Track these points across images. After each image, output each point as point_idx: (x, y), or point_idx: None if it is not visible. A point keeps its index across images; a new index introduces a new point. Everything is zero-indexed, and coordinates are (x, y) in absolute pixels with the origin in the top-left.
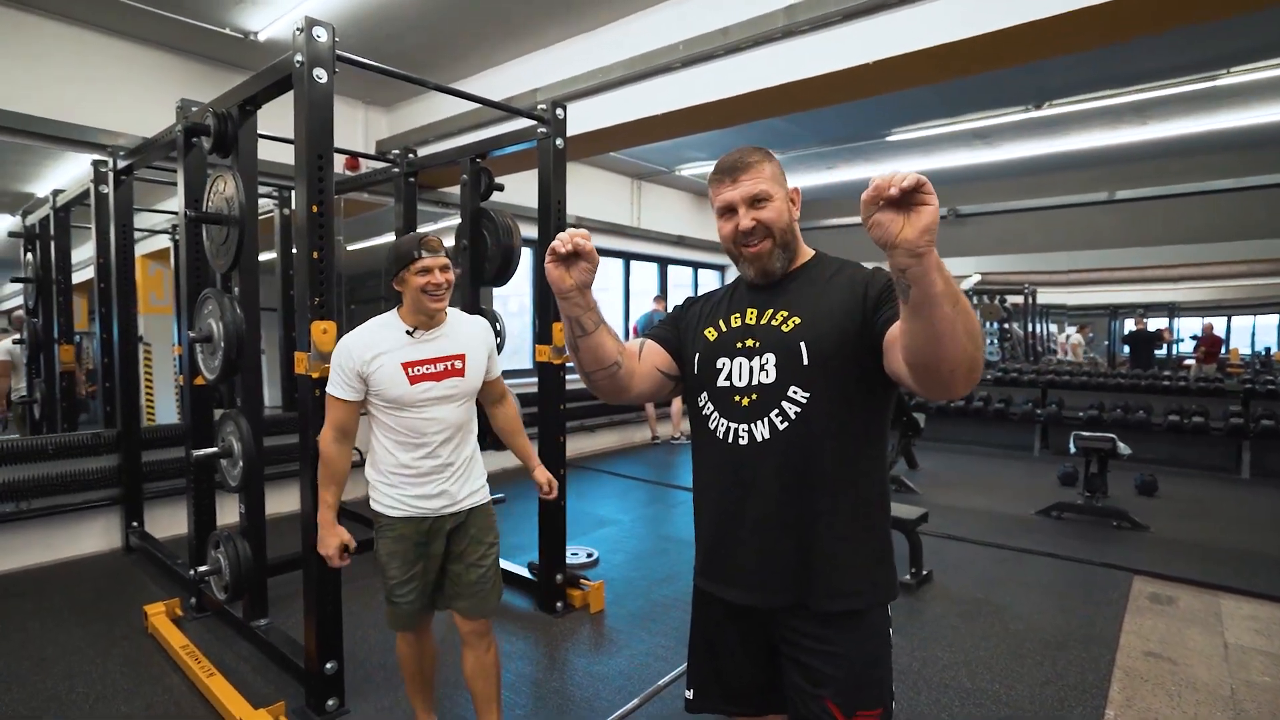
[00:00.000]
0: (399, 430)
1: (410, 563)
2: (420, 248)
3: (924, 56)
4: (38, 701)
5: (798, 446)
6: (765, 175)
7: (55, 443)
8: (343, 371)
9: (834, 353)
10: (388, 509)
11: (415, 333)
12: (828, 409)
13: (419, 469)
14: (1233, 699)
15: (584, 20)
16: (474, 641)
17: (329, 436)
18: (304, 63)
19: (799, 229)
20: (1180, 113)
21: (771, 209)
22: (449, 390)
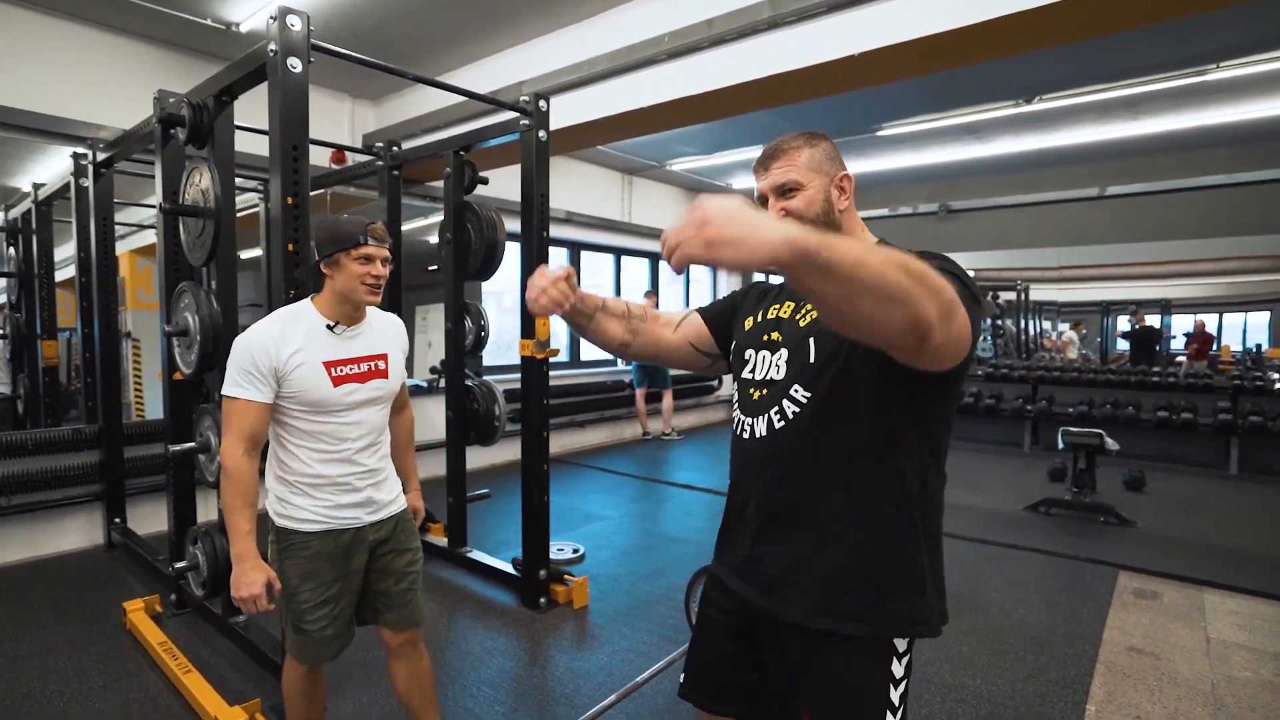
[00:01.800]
0: (316, 436)
1: (326, 584)
2: (366, 233)
3: (909, 48)
4: (12, 699)
5: (790, 448)
6: (798, 162)
7: (36, 438)
8: (254, 369)
9: (842, 353)
10: (301, 524)
11: (337, 328)
12: (828, 412)
13: (338, 478)
14: (1213, 693)
15: (569, 12)
16: (406, 653)
17: (237, 449)
18: (278, 52)
19: (853, 217)
20: (1170, 108)
21: (801, 198)
22: (373, 393)
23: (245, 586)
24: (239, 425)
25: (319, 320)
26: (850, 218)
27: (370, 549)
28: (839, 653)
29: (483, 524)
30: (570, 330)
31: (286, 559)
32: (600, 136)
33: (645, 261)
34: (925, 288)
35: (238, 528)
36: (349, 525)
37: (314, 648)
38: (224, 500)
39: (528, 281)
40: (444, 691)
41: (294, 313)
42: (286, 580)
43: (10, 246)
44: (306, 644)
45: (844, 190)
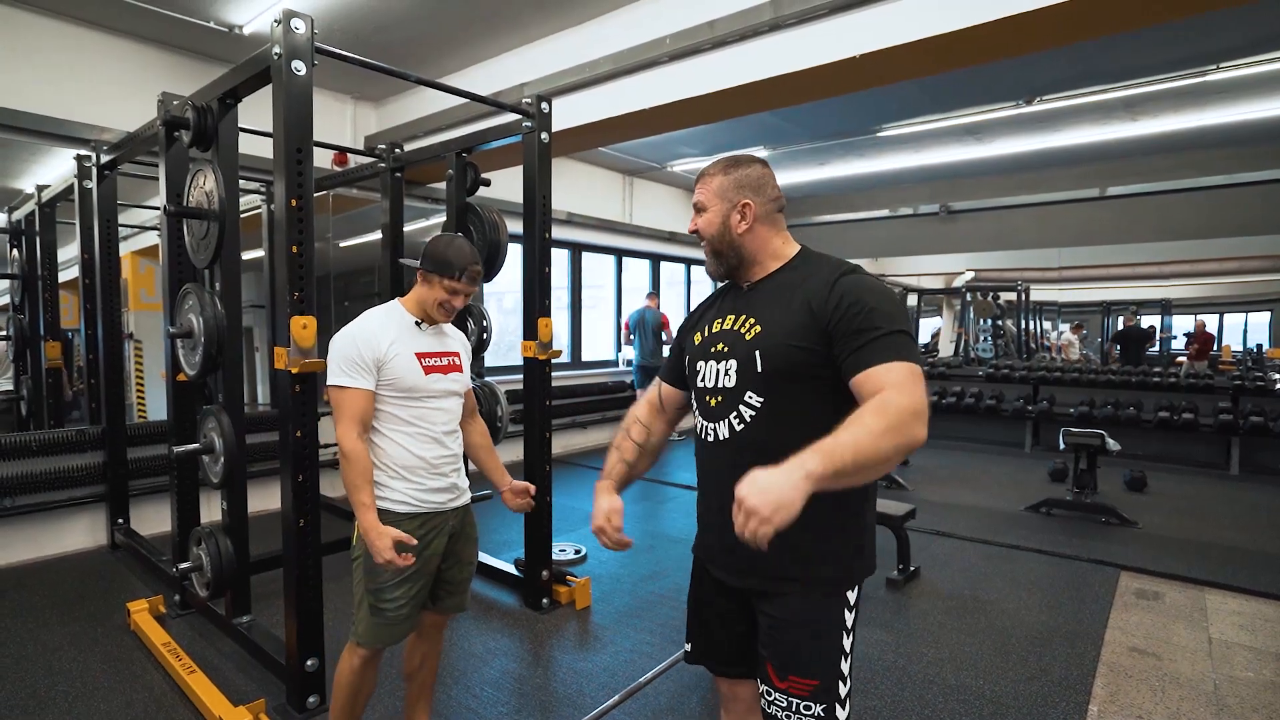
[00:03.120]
0: (410, 422)
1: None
2: (466, 272)
3: (910, 50)
4: (17, 699)
5: (751, 446)
6: (710, 188)
7: (40, 439)
8: (358, 359)
9: (785, 366)
10: (394, 504)
11: (423, 325)
12: (779, 414)
13: (432, 461)
14: (1216, 694)
15: (572, 14)
16: (433, 634)
17: (352, 434)
18: (282, 55)
19: (750, 240)
20: (1170, 108)
21: (704, 219)
22: (453, 384)
23: (380, 552)
24: (351, 411)
25: (408, 318)
26: (754, 238)
27: (450, 534)
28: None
29: (485, 524)
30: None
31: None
32: (603, 138)
33: (646, 262)
34: (906, 424)
35: (362, 503)
36: (435, 509)
37: (386, 629)
38: (346, 481)
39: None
40: (447, 692)
41: (387, 311)
42: (372, 561)
43: (13, 248)
44: (379, 625)
45: (743, 216)
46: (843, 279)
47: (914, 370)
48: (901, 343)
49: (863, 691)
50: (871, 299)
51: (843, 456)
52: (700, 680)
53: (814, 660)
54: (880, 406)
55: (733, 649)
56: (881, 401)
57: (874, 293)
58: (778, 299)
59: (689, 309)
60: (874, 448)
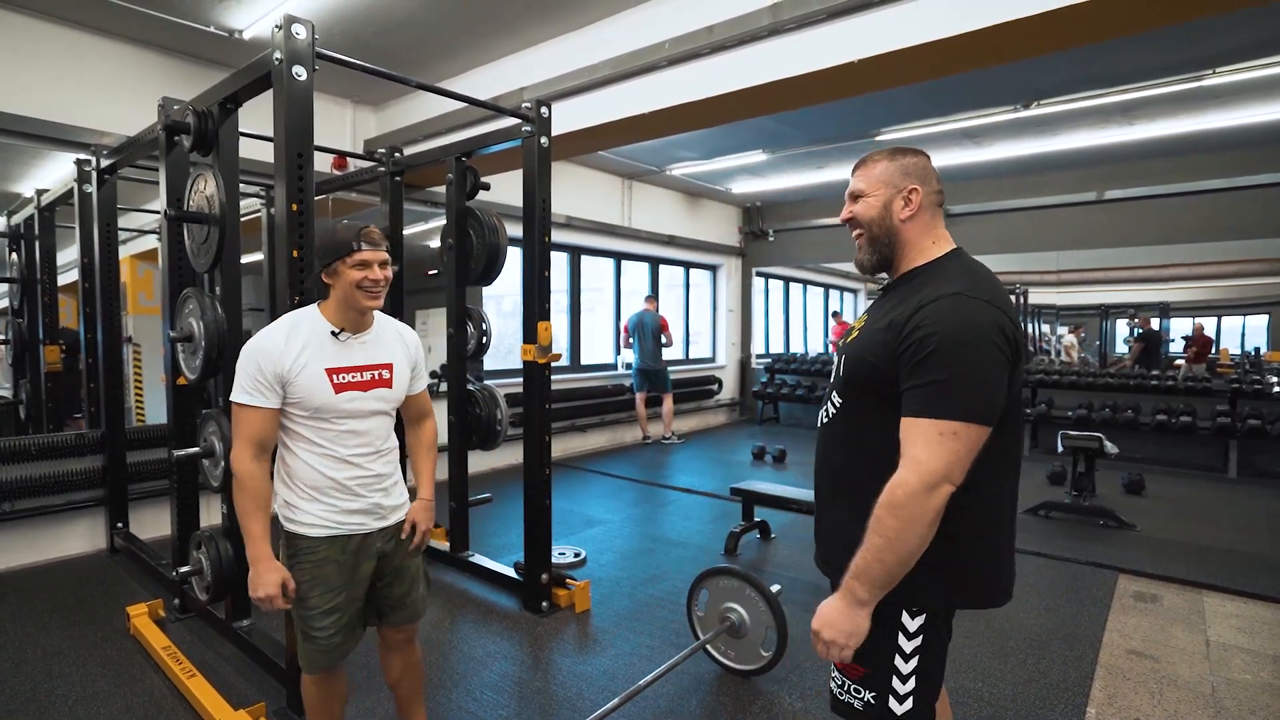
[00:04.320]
0: (318, 442)
1: (334, 590)
2: (360, 239)
3: (909, 54)
4: (16, 703)
5: (828, 443)
6: (872, 174)
7: (39, 443)
8: (260, 374)
9: (857, 378)
10: (309, 529)
11: (342, 334)
12: (848, 421)
13: (343, 481)
14: (1213, 696)
15: (571, 19)
16: (400, 645)
17: (246, 456)
18: (283, 60)
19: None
20: (1167, 113)
21: (863, 204)
22: (376, 403)
23: (261, 586)
24: (247, 432)
25: (324, 326)
26: (913, 226)
27: (378, 556)
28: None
29: (484, 528)
30: (570, 333)
31: (295, 564)
32: (602, 142)
33: (645, 266)
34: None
35: (251, 531)
36: (356, 531)
37: (321, 655)
38: (237, 505)
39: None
40: (447, 695)
41: (300, 318)
42: (298, 588)
43: (12, 252)
44: (313, 652)
45: (908, 202)
46: (927, 306)
47: (941, 430)
48: (941, 394)
49: None
50: (938, 337)
51: (875, 572)
52: (699, 683)
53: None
54: (891, 501)
55: None
56: (892, 491)
57: (946, 329)
58: (888, 306)
59: (687, 312)
60: (898, 552)
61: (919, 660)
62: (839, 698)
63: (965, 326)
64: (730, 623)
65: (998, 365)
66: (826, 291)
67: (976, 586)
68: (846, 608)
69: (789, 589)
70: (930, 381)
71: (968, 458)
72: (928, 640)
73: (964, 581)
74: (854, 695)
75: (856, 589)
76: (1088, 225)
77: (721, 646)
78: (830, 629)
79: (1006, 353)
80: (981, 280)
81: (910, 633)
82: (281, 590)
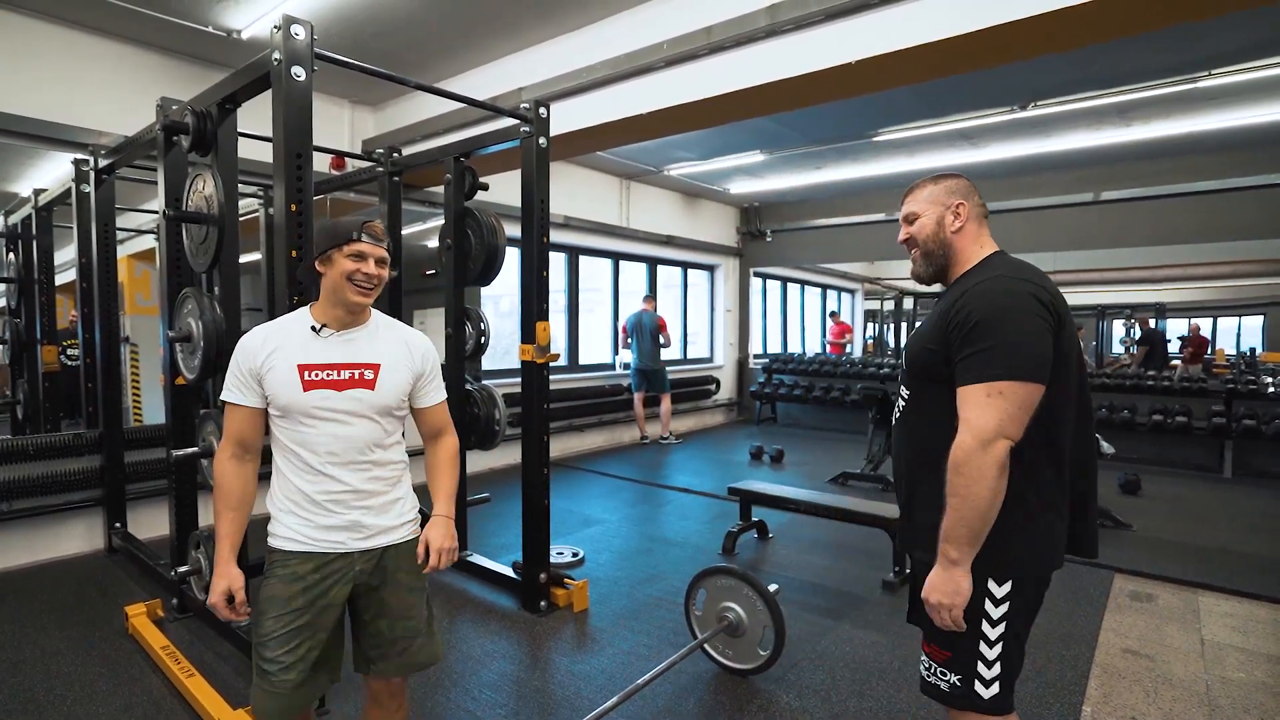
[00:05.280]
0: (289, 447)
1: (295, 612)
2: (362, 229)
3: (906, 56)
4: (15, 704)
5: (901, 435)
6: (920, 197)
7: (37, 444)
8: (239, 371)
9: (918, 365)
10: (284, 541)
11: (323, 330)
12: (917, 409)
13: (315, 495)
14: (1208, 695)
15: (569, 19)
16: (386, 701)
17: (225, 452)
18: (281, 61)
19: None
20: (1163, 114)
21: (917, 225)
22: (351, 404)
23: (211, 591)
24: (230, 429)
25: (308, 322)
26: (963, 237)
27: (354, 580)
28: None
29: (483, 528)
30: (568, 333)
31: (268, 578)
32: (600, 142)
33: (643, 266)
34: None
35: (217, 531)
36: (331, 550)
37: (271, 698)
38: (215, 503)
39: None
40: (446, 694)
41: (290, 317)
42: (259, 604)
43: (10, 252)
44: (263, 692)
45: (957, 215)
46: (972, 289)
47: (989, 391)
48: (987, 360)
49: (859, 694)
50: (980, 310)
51: (960, 533)
52: (697, 682)
53: (947, 634)
54: (953, 463)
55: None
56: (953, 454)
57: (986, 304)
58: (942, 303)
59: (685, 313)
60: (974, 508)
61: (1004, 637)
62: (926, 679)
63: (1000, 300)
64: (728, 622)
65: (1038, 328)
66: (824, 292)
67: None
68: (943, 570)
69: (786, 588)
70: (975, 350)
71: (1020, 414)
72: (1014, 606)
73: (1043, 551)
74: (940, 677)
75: (948, 550)
76: (1084, 226)
77: (719, 646)
78: (936, 592)
79: (1047, 317)
80: (1018, 267)
81: (997, 599)
82: (227, 599)
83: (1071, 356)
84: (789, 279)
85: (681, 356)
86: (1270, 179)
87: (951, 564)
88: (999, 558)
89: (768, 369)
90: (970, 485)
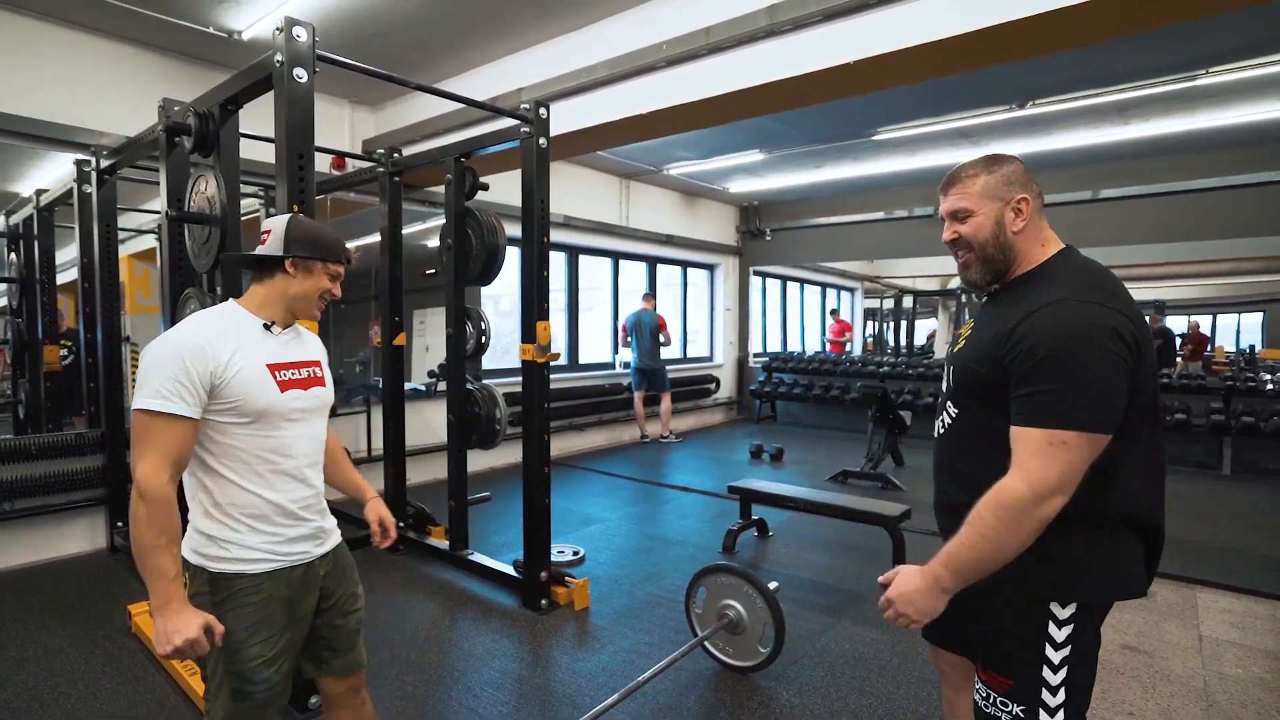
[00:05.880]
0: (260, 455)
1: (279, 633)
2: (347, 253)
3: (905, 55)
4: (19, 701)
5: (948, 450)
6: (972, 190)
7: (39, 443)
8: (184, 376)
9: (968, 386)
10: (249, 564)
11: (274, 328)
12: (966, 429)
13: (288, 504)
14: (1205, 690)
15: (569, 20)
16: (349, 700)
17: (162, 475)
18: (284, 62)
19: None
20: (1160, 112)
21: (971, 224)
22: (314, 401)
23: (179, 633)
24: (164, 445)
25: (252, 320)
26: (1025, 236)
27: (321, 585)
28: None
29: (483, 527)
30: (568, 333)
31: (229, 611)
32: (600, 142)
33: (643, 265)
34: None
35: (162, 570)
36: (300, 561)
37: (255, 712)
38: (142, 539)
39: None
40: (447, 692)
41: (221, 313)
42: (231, 636)
43: (11, 252)
44: (245, 711)
45: (1019, 212)
46: (1037, 313)
47: (1051, 439)
48: (1052, 404)
49: (858, 691)
50: (1048, 344)
51: (967, 566)
52: (697, 679)
53: (1009, 661)
54: (997, 502)
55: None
56: (999, 494)
57: (1056, 335)
58: (997, 313)
59: (685, 312)
60: (994, 551)
61: (1069, 662)
62: (984, 710)
63: (1073, 332)
64: (728, 619)
65: (1112, 369)
66: (824, 290)
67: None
68: (929, 588)
69: (786, 586)
70: (1039, 391)
71: (1081, 467)
72: (1079, 630)
73: (1120, 575)
74: (1000, 708)
75: (944, 576)
76: (1082, 224)
77: (720, 643)
78: (908, 604)
79: (1123, 354)
80: (1092, 280)
81: (1061, 621)
82: (205, 630)
83: (1148, 391)
84: (788, 278)
85: (681, 355)
86: (1268, 176)
87: (941, 589)
88: (1082, 580)
89: (767, 368)
90: (1005, 534)
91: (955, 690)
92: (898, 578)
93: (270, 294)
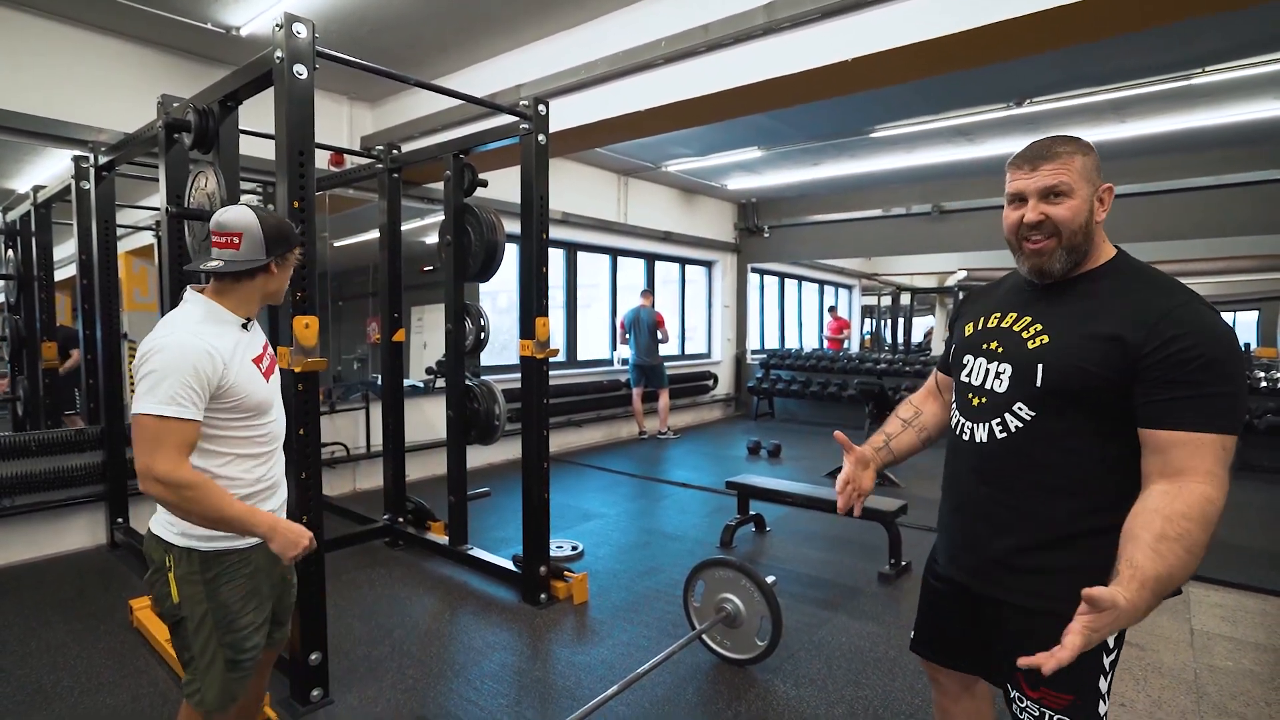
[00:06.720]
0: (254, 440)
1: (265, 600)
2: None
3: (901, 53)
4: (23, 695)
5: (1010, 457)
6: (1073, 168)
7: (39, 440)
8: (195, 381)
9: (1069, 387)
10: (240, 540)
11: (250, 324)
12: (1047, 433)
13: (276, 479)
14: (1196, 683)
15: (568, 16)
16: (265, 670)
17: (184, 466)
18: (284, 59)
19: (1099, 232)
20: (1157, 111)
21: (1068, 207)
22: (279, 384)
23: (304, 534)
24: (178, 443)
25: (232, 319)
26: (1100, 232)
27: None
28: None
29: (483, 522)
30: (566, 329)
31: (223, 585)
32: (599, 139)
33: (641, 262)
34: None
35: (242, 516)
36: None
37: (240, 681)
38: (207, 514)
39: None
40: (448, 685)
41: (205, 315)
42: (226, 609)
43: (9, 249)
44: (234, 680)
45: (1103, 202)
46: (1179, 311)
47: (1226, 445)
48: (1227, 409)
49: (854, 683)
50: (1212, 347)
51: (1166, 586)
52: (696, 672)
53: (1069, 675)
54: (1204, 517)
55: (959, 646)
56: (1205, 506)
57: (1215, 339)
58: (1077, 310)
59: (683, 308)
60: (1193, 565)
61: (1113, 678)
62: None
63: (1226, 335)
64: (726, 613)
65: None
66: (821, 287)
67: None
68: (1138, 617)
69: (783, 580)
70: (1215, 394)
71: None
72: (1121, 634)
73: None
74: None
75: (1150, 601)
76: None
77: (717, 636)
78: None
79: None
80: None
81: (1109, 647)
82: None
83: None
84: (786, 274)
85: (679, 352)
86: (1263, 175)
87: (1136, 611)
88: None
89: (765, 364)
90: (1201, 544)
91: (953, 700)
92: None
93: (250, 293)
